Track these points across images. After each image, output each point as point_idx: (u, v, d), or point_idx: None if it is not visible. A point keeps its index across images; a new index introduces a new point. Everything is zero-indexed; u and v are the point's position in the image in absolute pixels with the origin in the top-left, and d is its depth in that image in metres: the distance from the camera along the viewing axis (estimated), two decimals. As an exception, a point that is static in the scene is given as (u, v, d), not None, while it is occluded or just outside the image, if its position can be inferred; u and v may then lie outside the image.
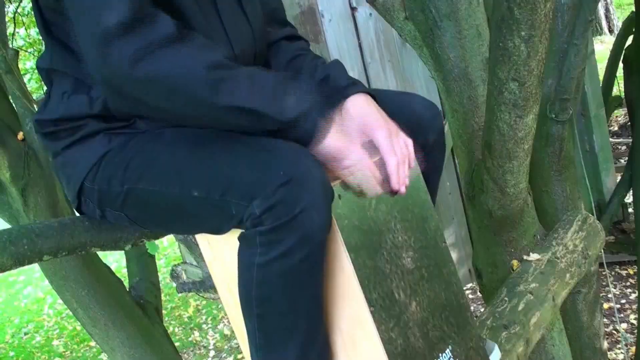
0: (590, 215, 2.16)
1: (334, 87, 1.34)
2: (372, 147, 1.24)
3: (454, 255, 3.54)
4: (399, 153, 1.26)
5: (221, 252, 1.33)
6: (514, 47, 1.41)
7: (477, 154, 1.87)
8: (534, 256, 1.91)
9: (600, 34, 14.09)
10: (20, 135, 2.83)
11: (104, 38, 1.07)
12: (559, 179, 2.56)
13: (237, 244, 1.17)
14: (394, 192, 1.28)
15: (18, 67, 3.08)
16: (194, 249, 3.64)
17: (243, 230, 1.14)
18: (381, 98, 1.37)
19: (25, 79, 8.29)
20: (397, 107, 1.40)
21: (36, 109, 2.74)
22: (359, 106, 1.28)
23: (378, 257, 1.23)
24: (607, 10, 14.75)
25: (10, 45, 6.17)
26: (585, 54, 2.39)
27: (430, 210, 1.38)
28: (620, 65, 3.79)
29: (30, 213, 2.79)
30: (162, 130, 1.28)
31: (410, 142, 1.30)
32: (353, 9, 2.88)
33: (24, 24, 7.23)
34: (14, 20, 6.74)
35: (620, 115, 7.54)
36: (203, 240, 1.35)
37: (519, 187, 1.76)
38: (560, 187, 2.56)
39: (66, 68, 1.31)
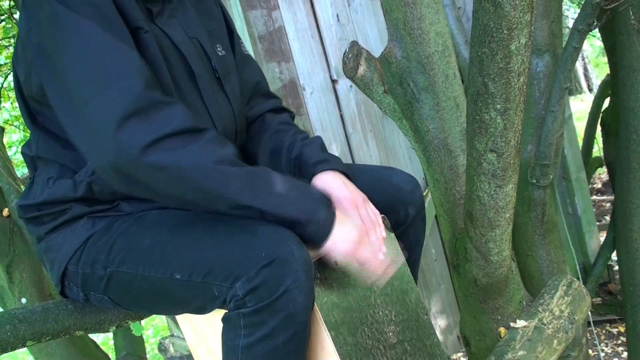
0: (575, 279, 2.16)
1: (305, 164, 1.37)
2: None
3: (442, 322, 3.52)
4: (367, 221, 1.28)
5: (204, 333, 1.32)
6: (490, 119, 1.44)
7: (460, 222, 1.88)
8: (520, 323, 1.91)
9: (580, 93, 14.35)
10: (5, 212, 2.83)
11: (118, 123, 1.09)
12: (543, 243, 2.57)
13: (219, 324, 1.17)
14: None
15: (3, 144, 3.09)
16: (181, 321, 3.59)
17: (226, 311, 1.15)
18: (360, 173, 1.39)
19: (12, 152, 8.31)
20: (377, 181, 1.42)
21: (21, 187, 2.74)
22: (324, 183, 1.31)
23: (359, 333, 1.23)
24: (585, 69, 15.06)
25: (-3, 120, 6.19)
26: (562, 119, 2.44)
27: (410, 283, 1.39)
28: (599, 127, 3.87)
29: (15, 290, 2.76)
30: (145, 213, 1.29)
31: (378, 212, 1.32)
32: (334, 81, 2.94)
33: (9, 97, 7.27)
34: (0, 94, 6.79)
35: (603, 172, 7.62)
36: (185, 322, 1.35)
37: (503, 255, 1.77)
38: (544, 251, 2.58)
39: (51, 155, 1.33)
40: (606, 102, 3.87)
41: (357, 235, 1.22)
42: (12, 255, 2.74)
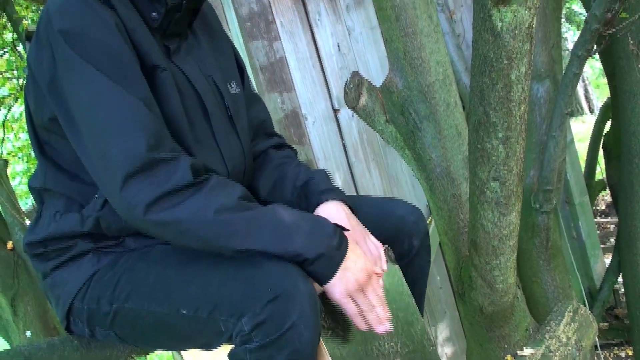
0: (581, 305, 2.15)
1: (312, 192, 1.38)
2: None
3: (448, 350, 3.49)
4: (369, 256, 1.28)
5: (208, 368, 1.32)
6: (492, 148, 1.44)
7: (464, 250, 1.88)
8: (527, 351, 1.90)
9: (581, 114, 14.38)
10: (9, 245, 2.84)
11: (122, 182, 1.12)
12: (548, 269, 2.57)
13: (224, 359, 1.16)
14: None
15: (7, 177, 3.11)
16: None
17: (233, 347, 1.14)
18: (364, 206, 1.40)
19: (15, 182, 8.35)
20: (380, 213, 1.43)
21: (25, 220, 2.75)
22: (329, 212, 1.31)
23: (365, 366, 1.23)
24: (586, 90, 15.10)
25: (0, 150, 6.22)
26: (564, 145, 2.44)
27: (415, 314, 1.39)
28: (601, 150, 3.87)
29: (19, 323, 2.76)
30: (151, 249, 1.30)
31: (379, 245, 1.32)
32: (335, 110, 2.95)
33: (13, 129, 7.31)
34: (4, 126, 6.83)
35: (607, 194, 7.59)
36: (189, 356, 1.34)
37: (508, 283, 1.76)
38: (549, 276, 2.57)
39: (59, 187, 1.33)
40: (608, 125, 3.88)
41: (360, 281, 1.21)
42: (17, 288, 2.74)
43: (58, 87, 1.19)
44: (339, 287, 1.19)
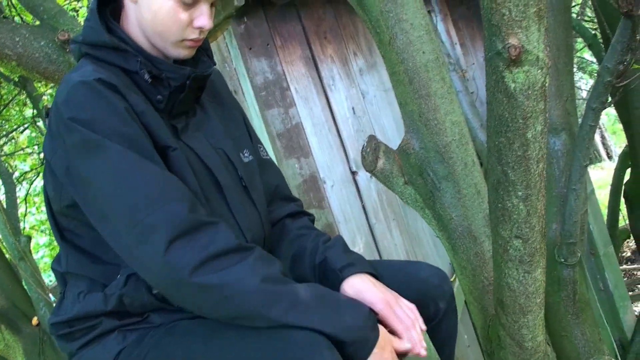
0: (614, 359, 2.12)
1: (332, 270, 1.37)
2: None
3: (481, 410, 3.42)
4: (404, 318, 1.27)
5: None
6: (513, 206, 1.44)
7: (490, 309, 1.86)
8: (562, 410, 1.86)
9: (599, 161, 14.34)
10: (34, 321, 2.84)
11: (166, 246, 1.12)
12: (577, 322, 2.53)
13: None
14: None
15: (31, 253, 3.13)
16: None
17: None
18: (386, 270, 1.39)
19: (39, 255, 8.42)
20: (404, 277, 1.42)
21: (49, 296, 2.76)
22: (354, 287, 1.31)
23: None
24: (602, 137, 15.09)
25: (22, 225, 6.28)
26: (585, 197, 2.43)
27: (445, 379, 1.37)
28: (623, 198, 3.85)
29: (46, 400, 2.75)
30: (176, 323, 1.30)
31: (413, 306, 1.31)
32: (354, 172, 2.96)
33: (35, 203, 7.41)
34: (26, 201, 6.92)
35: (632, 240, 7.51)
36: None
37: (537, 341, 1.74)
38: (579, 330, 2.53)
39: (81, 270, 1.35)
40: (627, 172, 3.87)
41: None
42: (43, 364, 2.74)
43: (74, 173, 1.22)
44: None
